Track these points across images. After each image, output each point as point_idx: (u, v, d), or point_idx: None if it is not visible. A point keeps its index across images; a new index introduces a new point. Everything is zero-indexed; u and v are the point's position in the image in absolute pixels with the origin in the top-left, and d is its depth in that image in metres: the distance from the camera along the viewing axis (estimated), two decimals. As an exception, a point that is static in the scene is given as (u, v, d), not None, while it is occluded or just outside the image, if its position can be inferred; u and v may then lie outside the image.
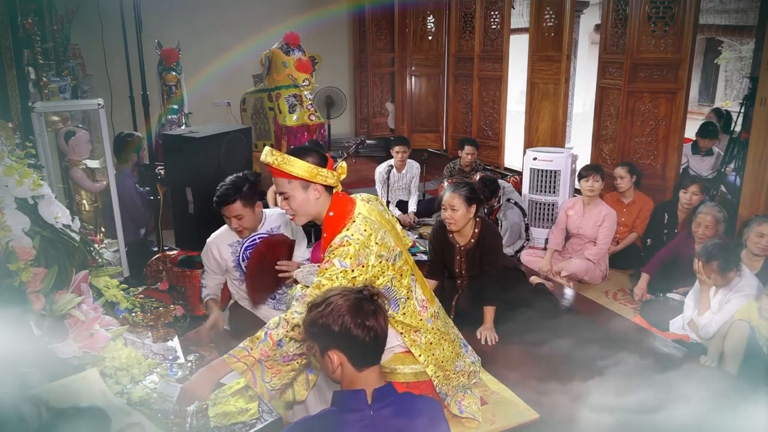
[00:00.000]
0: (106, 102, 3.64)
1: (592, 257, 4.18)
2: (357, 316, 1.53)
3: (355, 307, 1.55)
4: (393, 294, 2.25)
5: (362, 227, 2.13)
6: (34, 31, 3.75)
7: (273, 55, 6.40)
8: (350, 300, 1.56)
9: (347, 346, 1.55)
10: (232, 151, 4.26)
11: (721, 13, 10.52)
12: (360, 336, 1.53)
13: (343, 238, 2.10)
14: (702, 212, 3.69)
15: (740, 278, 3.12)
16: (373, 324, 1.54)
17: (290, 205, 2.18)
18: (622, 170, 4.55)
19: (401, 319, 2.31)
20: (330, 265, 2.06)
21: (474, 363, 2.60)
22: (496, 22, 6.74)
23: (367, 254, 2.10)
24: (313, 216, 2.21)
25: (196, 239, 3.85)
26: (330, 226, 2.18)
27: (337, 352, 1.56)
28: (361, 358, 1.57)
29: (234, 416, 2.08)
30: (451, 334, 2.52)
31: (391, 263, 2.21)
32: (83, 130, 3.89)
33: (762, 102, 3.65)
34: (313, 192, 2.15)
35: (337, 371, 1.58)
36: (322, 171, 2.12)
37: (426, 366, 2.37)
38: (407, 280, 2.31)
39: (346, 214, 2.18)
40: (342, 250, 2.07)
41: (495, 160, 6.90)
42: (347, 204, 2.22)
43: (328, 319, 1.54)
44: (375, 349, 1.59)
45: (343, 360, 1.56)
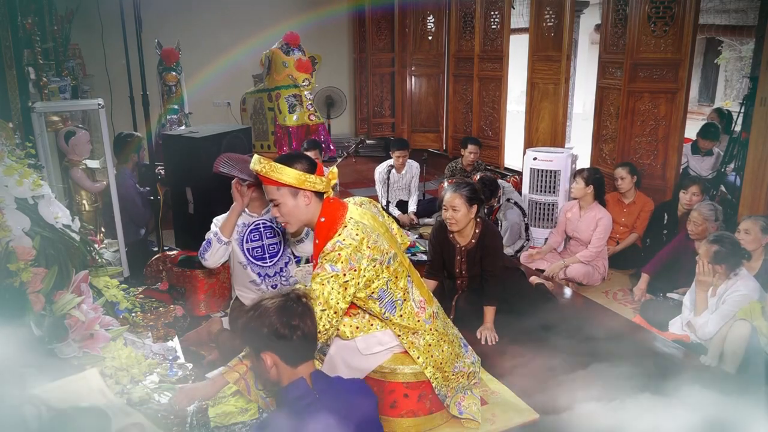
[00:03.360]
0: (106, 102, 3.63)
1: (582, 258, 4.19)
2: (283, 316, 1.62)
3: (281, 308, 1.63)
4: (389, 296, 2.25)
5: (353, 232, 2.13)
6: (34, 31, 3.75)
7: (273, 55, 6.41)
8: (277, 302, 1.65)
9: (277, 346, 1.63)
10: (232, 151, 4.25)
11: (721, 13, 10.52)
12: (287, 335, 1.61)
13: (335, 244, 2.10)
14: (693, 210, 3.78)
15: (737, 277, 3.12)
16: (299, 323, 1.63)
17: (281, 212, 2.19)
18: (623, 171, 4.55)
19: (399, 322, 2.31)
20: (321, 270, 2.08)
21: (474, 363, 2.60)
22: (496, 22, 6.74)
23: (359, 258, 2.11)
24: (305, 222, 2.22)
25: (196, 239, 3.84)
26: (322, 232, 2.19)
27: (269, 353, 1.65)
28: (293, 357, 1.66)
29: (234, 416, 2.08)
30: (450, 335, 2.52)
31: (386, 266, 2.21)
32: (83, 130, 3.88)
33: (762, 102, 3.65)
34: (302, 198, 2.16)
35: (272, 371, 1.66)
36: (311, 177, 2.13)
37: (424, 368, 2.37)
38: (403, 282, 2.31)
39: (338, 219, 2.18)
40: (333, 255, 2.08)
41: (495, 160, 6.89)
42: (338, 209, 2.22)
43: (256, 322, 1.63)
44: (305, 347, 1.67)
45: (276, 360, 1.65)
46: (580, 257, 4.21)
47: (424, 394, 2.45)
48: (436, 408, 2.50)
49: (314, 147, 4.94)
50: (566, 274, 4.21)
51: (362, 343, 2.35)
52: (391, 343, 2.39)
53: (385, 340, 2.38)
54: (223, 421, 2.05)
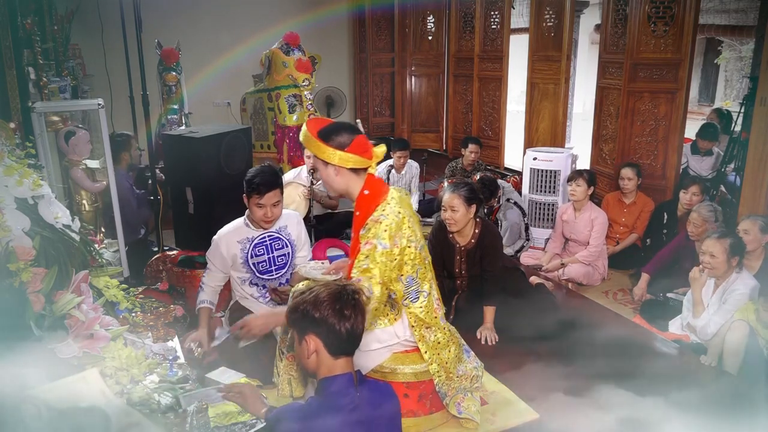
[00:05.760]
0: (106, 102, 3.63)
1: (582, 258, 4.19)
2: (336, 303, 1.63)
3: (335, 296, 1.64)
4: (416, 285, 2.31)
5: (396, 209, 2.21)
6: (34, 31, 3.75)
7: (273, 55, 6.40)
8: (332, 289, 1.66)
9: (324, 332, 1.63)
10: (232, 151, 4.26)
11: (721, 13, 10.52)
12: (337, 324, 1.62)
13: (379, 216, 2.17)
14: (692, 211, 3.80)
15: (738, 276, 3.12)
16: (350, 314, 1.64)
17: (321, 177, 2.29)
18: (630, 172, 4.54)
19: (416, 312, 2.34)
20: (371, 248, 2.13)
21: (477, 368, 2.63)
22: (496, 22, 6.74)
23: (400, 236, 2.19)
24: (340, 191, 2.29)
25: (196, 239, 3.85)
26: (363, 204, 2.24)
27: (314, 337, 1.65)
28: (337, 346, 1.65)
29: (234, 416, 2.08)
30: (455, 338, 2.56)
31: (418, 252, 2.29)
32: (83, 130, 3.88)
33: (762, 102, 3.65)
34: (331, 169, 2.22)
35: (311, 357, 1.66)
36: (338, 153, 2.17)
37: (430, 364, 2.39)
38: (431, 274, 2.39)
39: (380, 195, 2.24)
40: (379, 229, 2.14)
41: (495, 160, 6.89)
42: (382, 186, 2.29)
43: (308, 305, 1.63)
44: (350, 341, 1.67)
45: (319, 346, 1.65)
46: (579, 257, 4.21)
47: (424, 394, 2.45)
48: (436, 408, 2.50)
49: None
50: (566, 274, 4.21)
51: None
52: (389, 341, 2.40)
53: (384, 338, 2.39)
54: (223, 421, 2.05)
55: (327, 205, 5.05)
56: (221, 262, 2.97)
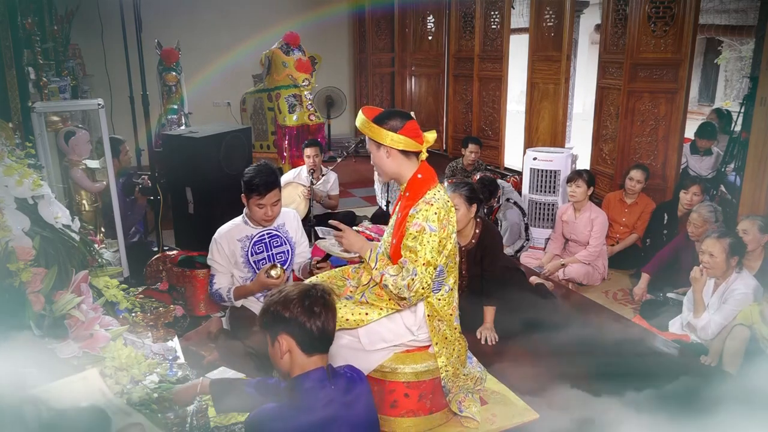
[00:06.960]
0: (106, 102, 3.63)
1: (582, 258, 4.19)
2: (305, 301, 1.65)
3: (304, 294, 1.67)
4: (442, 277, 2.36)
5: (446, 197, 2.33)
6: (34, 31, 3.74)
7: (273, 55, 6.40)
8: (301, 289, 1.69)
9: (295, 330, 1.65)
10: (232, 151, 4.25)
11: (721, 13, 10.52)
12: (307, 321, 1.64)
13: (431, 198, 2.25)
14: (692, 211, 3.81)
15: (738, 276, 3.12)
16: (320, 311, 1.66)
17: (373, 161, 2.37)
18: (640, 174, 4.49)
19: (434, 303, 2.38)
20: (420, 229, 2.20)
21: (481, 372, 2.66)
22: (496, 22, 6.74)
23: (448, 222, 2.29)
24: (391, 175, 2.36)
25: (196, 239, 3.85)
26: (415, 187, 2.31)
27: (286, 336, 1.66)
28: (309, 344, 1.67)
29: (234, 416, 2.08)
30: (463, 341, 2.58)
31: (454, 245, 2.37)
32: (83, 130, 3.88)
33: (762, 102, 3.65)
34: (384, 151, 2.30)
35: (285, 357, 1.68)
36: (391, 135, 2.26)
37: (438, 356, 2.41)
38: (456, 272, 2.45)
39: (431, 181, 2.33)
40: (429, 211, 2.21)
41: (495, 160, 6.90)
42: (434, 175, 2.37)
43: (278, 305, 1.66)
44: (322, 337, 1.68)
45: (291, 345, 1.66)
46: (579, 257, 4.21)
47: (424, 394, 2.45)
48: (436, 408, 2.50)
49: (314, 146, 4.93)
50: (566, 274, 4.20)
51: (366, 338, 2.37)
52: (395, 341, 2.41)
53: (389, 338, 2.40)
54: (223, 421, 2.05)
55: (327, 205, 5.05)
56: (225, 260, 2.96)
